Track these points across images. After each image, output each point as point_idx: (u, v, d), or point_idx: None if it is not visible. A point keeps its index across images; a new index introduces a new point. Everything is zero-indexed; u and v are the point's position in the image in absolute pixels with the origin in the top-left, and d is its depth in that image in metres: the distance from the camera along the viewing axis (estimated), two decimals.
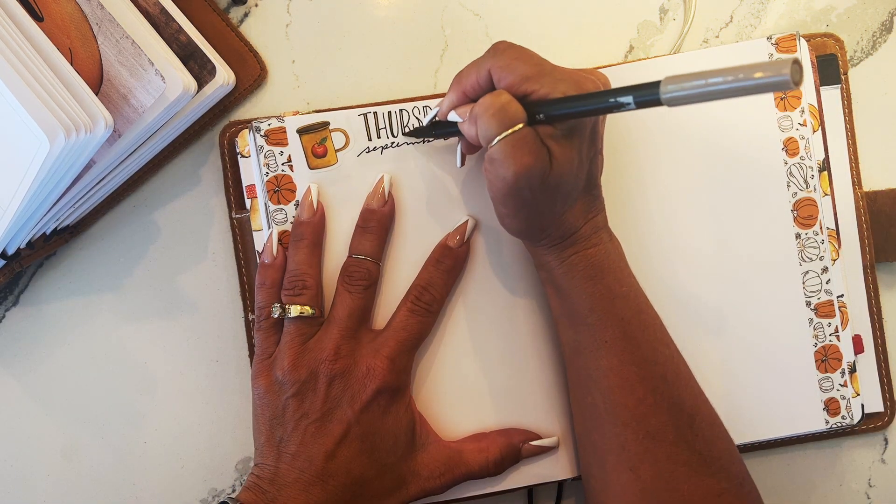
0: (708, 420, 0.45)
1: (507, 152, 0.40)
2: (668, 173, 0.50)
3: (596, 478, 0.46)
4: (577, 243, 0.44)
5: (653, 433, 0.43)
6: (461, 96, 0.43)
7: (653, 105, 0.36)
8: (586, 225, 0.44)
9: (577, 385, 0.46)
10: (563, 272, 0.44)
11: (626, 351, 0.44)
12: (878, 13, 0.53)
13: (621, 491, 0.44)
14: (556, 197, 0.42)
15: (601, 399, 0.44)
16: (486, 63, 0.42)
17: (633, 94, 0.36)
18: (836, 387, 0.50)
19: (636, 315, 0.45)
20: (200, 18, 0.50)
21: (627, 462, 0.44)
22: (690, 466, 0.43)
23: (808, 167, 0.50)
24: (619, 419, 0.44)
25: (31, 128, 0.38)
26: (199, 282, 0.53)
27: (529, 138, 0.40)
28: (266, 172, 0.48)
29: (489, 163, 0.41)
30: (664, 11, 0.53)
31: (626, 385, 0.44)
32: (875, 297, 0.52)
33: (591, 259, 0.44)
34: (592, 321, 0.44)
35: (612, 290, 0.44)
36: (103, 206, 0.52)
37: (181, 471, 0.53)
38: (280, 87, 0.53)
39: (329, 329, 0.46)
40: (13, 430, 0.53)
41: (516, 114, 0.40)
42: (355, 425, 0.45)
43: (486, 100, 0.41)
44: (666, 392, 0.44)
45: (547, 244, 0.44)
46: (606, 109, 0.38)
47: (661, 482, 0.43)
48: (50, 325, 0.53)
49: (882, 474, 0.54)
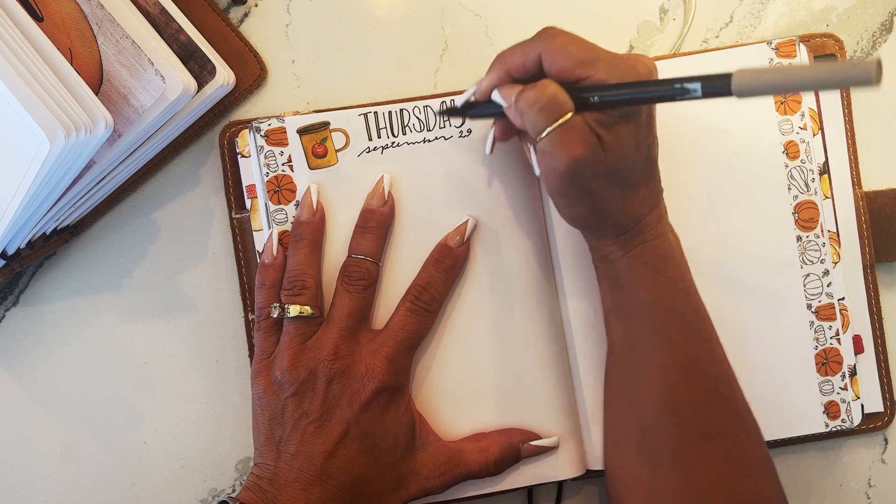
0: (755, 423, 0.45)
1: (558, 143, 0.39)
2: (669, 176, 0.50)
3: (645, 478, 0.44)
4: (644, 232, 0.43)
5: (712, 433, 0.43)
6: (504, 76, 0.42)
7: (720, 95, 0.35)
8: (651, 213, 0.43)
9: (631, 382, 0.45)
10: (627, 263, 0.43)
11: (691, 347, 0.43)
12: (878, 13, 0.53)
13: (672, 492, 0.43)
14: (614, 183, 0.41)
15: (664, 396, 0.43)
16: (537, 46, 0.41)
17: (701, 83, 0.36)
18: (836, 390, 0.50)
19: (696, 312, 0.44)
20: (200, 18, 0.50)
21: (684, 462, 0.43)
22: (743, 469, 0.43)
23: (809, 170, 0.49)
24: (681, 418, 0.43)
25: (31, 128, 0.38)
26: (199, 282, 0.53)
27: (579, 127, 0.39)
28: (266, 172, 0.48)
29: (541, 156, 0.41)
30: (664, 11, 0.53)
31: (690, 382, 0.43)
32: (875, 297, 0.52)
33: (656, 250, 0.43)
34: (656, 315, 0.43)
35: (675, 284, 0.43)
36: (103, 206, 0.52)
37: (181, 471, 0.53)
38: (280, 87, 0.53)
39: (328, 329, 0.46)
40: (13, 430, 0.53)
41: (564, 104, 0.39)
42: (354, 425, 0.45)
43: (532, 94, 0.40)
44: (725, 391, 0.44)
45: (612, 234, 0.43)
46: (669, 97, 0.37)
47: (715, 484, 0.42)
48: (50, 325, 0.53)
49: (882, 474, 0.54)
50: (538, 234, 0.50)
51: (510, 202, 0.49)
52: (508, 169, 0.49)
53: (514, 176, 0.49)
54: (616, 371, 0.47)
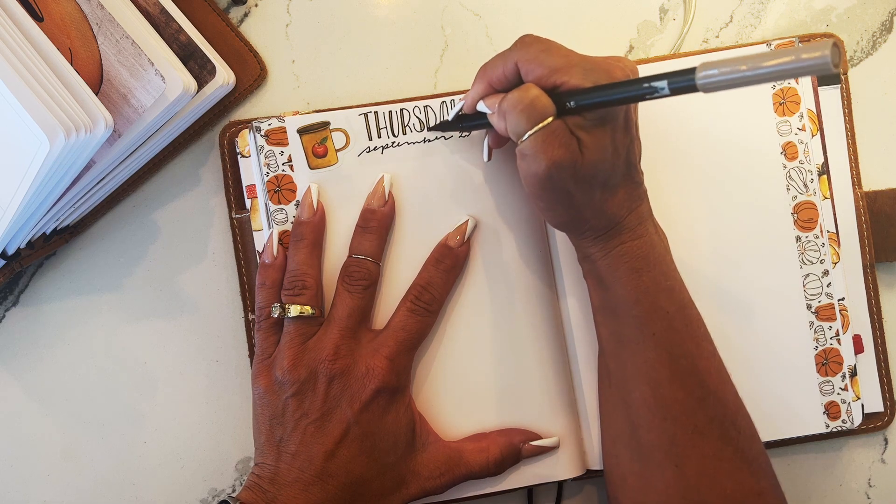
0: (748, 418, 0.45)
1: (538, 147, 0.40)
2: (667, 177, 0.50)
3: (636, 475, 0.45)
4: (622, 234, 0.43)
5: (701, 428, 0.43)
6: (487, 88, 0.43)
7: (687, 91, 0.35)
8: (630, 215, 0.43)
9: (621, 379, 0.45)
10: (608, 264, 0.44)
11: (675, 344, 0.44)
12: (878, 13, 0.53)
13: (664, 488, 0.43)
14: (592, 186, 0.41)
15: (651, 393, 0.44)
16: (513, 56, 0.42)
17: (667, 80, 0.36)
18: (836, 390, 0.50)
19: (681, 310, 0.44)
20: (200, 18, 0.50)
21: (674, 458, 0.43)
22: (734, 464, 0.43)
23: (808, 171, 0.50)
24: (669, 413, 0.43)
25: (31, 128, 0.38)
26: (199, 282, 0.53)
27: (559, 131, 0.40)
28: (266, 172, 0.48)
29: (521, 159, 0.41)
30: (664, 11, 0.53)
31: (676, 378, 0.43)
32: (875, 296, 0.52)
33: (636, 251, 0.43)
34: (638, 313, 0.44)
35: (658, 283, 0.44)
36: (103, 206, 0.52)
37: (181, 471, 0.53)
38: (280, 87, 0.53)
39: (329, 329, 0.46)
40: (13, 430, 0.53)
41: (545, 108, 0.40)
42: (355, 425, 0.45)
43: (514, 96, 0.40)
44: (712, 387, 0.44)
45: (591, 236, 0.44)
46: (639, 97, 0.37)
47: (706, 479, 0.43)
48: (50, 325, 0.53)
49: (882, 474, 0.54)
50: (538, 234, 0.50)
51: (510, 202, 0.49)
52: (508, 169, 0.49)
53: (514, 176, 0.49)
54: (606, 368, 0.47)
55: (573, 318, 0.49)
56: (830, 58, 0.31)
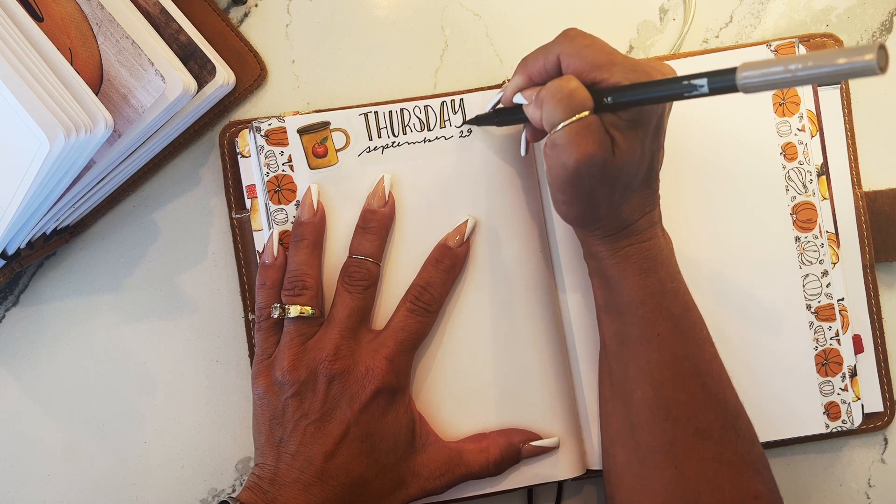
0: (747, 421, 0.45)
1: (571, 139, 0.39)
2: (667, 177, 0.50)
3: (635, 475, 0.45)
4: (632, 236, 0.43)
5: (701, 431, 0.43)
6: (527, 80, 0.43)
7: (727, 91, 0.35)
8: (643, 218, 0.43)
9: (622, 379, 0.45)
10: (615, 263, 0.44)
11: (678, 345, 0.44)
12: (878, 13, 0.53)
13: (662, 490, 0.43)
14: (614, 187, 0.41)
15: (653, 393, 0.44)
16: (556, 48, 0.41)
17: (707, 79, 0.35)
18: (836, 390, 0.50)
19: (685, 312, 0.44)
20: (200, 18, 0.50)
21: (674, 459, 0.43)
22: (733, 467, 0.43)
23: (807, 171, 0.50)
24: (670, 414, 0.43)
25: (31, 128, 0.38)
26: (199, 282, 0.53)
27: (594, 126, 0.39)
28: (266, 172, 0.48)
29: (551, 148, 0.41)
30: (664, 11, 0.53)
31: (678, 379, 0.43)
32: (875, 296, 0.52)
33: (644, 252, 0.43)
34: (643, 313, 0.44)
35: (664, 284, 0.44)
36: (103, 206, 0.52)
37: (181, 471, 0.53)
38: (280, 87, 0.53)
39: (329, 329, 0.46)
40: (13, 430, 0.53)
41: (584, 100, 0.39)
42: (354, 426, 0.45)
43: (553, 84, 0.40)
44: (714, 389, 0.44)
45: (601, 234, 0.44)
46: (678, 95, 0.37)
47: (705, 482, 0.43)
48: (50, 325, 0.53)
49: (882, 474, 0.54)
50: (538, 234, 0.50)
51: (510, 202, 0.49)
52: (508, 169, 0.49)
53: (514, 176, 0.49)
54: (607, 368, 0.47)
55: (573, 317, 0.49)
56: (877, 61, 0.30)
